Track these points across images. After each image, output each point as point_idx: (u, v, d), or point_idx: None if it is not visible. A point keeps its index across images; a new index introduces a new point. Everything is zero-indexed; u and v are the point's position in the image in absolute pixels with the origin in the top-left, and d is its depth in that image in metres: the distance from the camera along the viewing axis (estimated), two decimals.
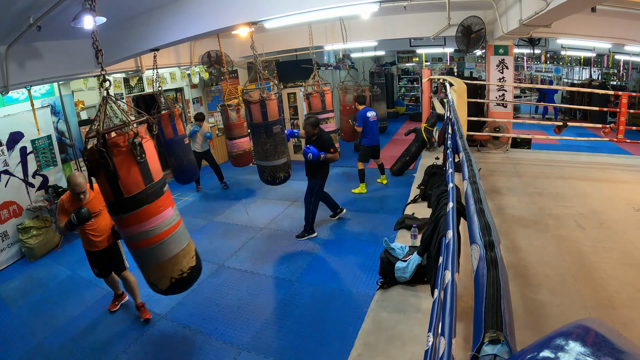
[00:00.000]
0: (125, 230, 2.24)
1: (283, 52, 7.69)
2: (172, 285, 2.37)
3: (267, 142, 4.16)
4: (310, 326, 3.22)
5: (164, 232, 2.29)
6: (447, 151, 3.01)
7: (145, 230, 2.21)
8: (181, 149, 5.28)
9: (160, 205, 2.26)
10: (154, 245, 2.26)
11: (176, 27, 3.89)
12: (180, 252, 2.39)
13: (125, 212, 2.16)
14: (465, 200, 1.37)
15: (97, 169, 2.06)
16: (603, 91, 6.56)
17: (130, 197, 2.13)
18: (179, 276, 2.38)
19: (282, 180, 4.45)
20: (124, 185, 2.10)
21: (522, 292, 2.35)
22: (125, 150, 2.08)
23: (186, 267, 2.43)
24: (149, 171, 2.20)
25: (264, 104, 3.98)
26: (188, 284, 2.47)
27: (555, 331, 0.51)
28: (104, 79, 2.15)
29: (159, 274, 2.34)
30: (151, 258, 2.30)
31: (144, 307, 3.48)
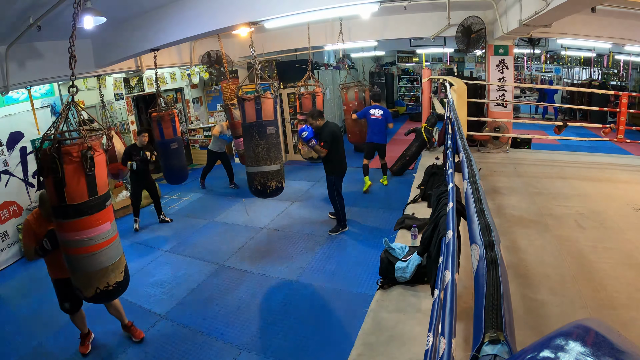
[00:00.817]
0: (63, 234, 2.33)
1: (283, 52, 7.69)
2: (96, 294, 2.45)
3: (260, 144, 3.79)
4: (310, 326, 3.22)
5: (98, 244, 2.39)
6: (447, 151, 3.01)
7: (81, 239, 2.31)
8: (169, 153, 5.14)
9: (99, 218, 2.36)
10: (87, 255, 2.35)
11: (176, 27, 3.89)
12: (110, 265, 2.47)
13: (65, 218, 2.26)
14: (465, 200, 1.37)
15: (46, 171, 2.16)
16: (603, 91, 6.56)
17: (72, 206, 2.23)
18: (105, 288, 2.46)
19: (274, 191, 3.95)
20: (68, 193, 2.20)
21: (522, 292, 2.35)
22: (76, 161, 2.19)
23: (113, 281, 2.50)
24: (95, 184, 2.31)
25: (258, 101, 3.70)
26: (112, 296, 2.56)
27: (555, 331, 0.51)
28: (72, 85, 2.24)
29: (86, 282, 2.42)
30: (82, 266, 2.37)
31: (133, 325, 3.24)
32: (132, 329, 3.22)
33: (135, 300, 3.78)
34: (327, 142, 4.46)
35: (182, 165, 5.35)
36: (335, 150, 4.55)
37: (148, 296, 3.86)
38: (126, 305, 3.68)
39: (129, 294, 3.87)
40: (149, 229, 5.56)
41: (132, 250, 4.96)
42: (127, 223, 5.75)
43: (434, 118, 6.36)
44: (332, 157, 4.57)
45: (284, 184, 4.08)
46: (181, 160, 5.31)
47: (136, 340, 3.18)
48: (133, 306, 3.69)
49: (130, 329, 3.22)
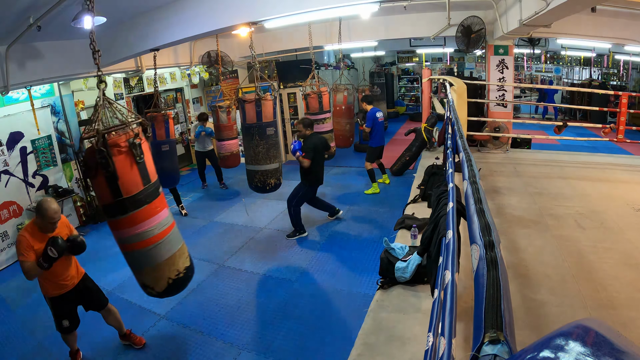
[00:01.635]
0: (121, 232, 2.20)
1: (283, 52, 7.68)
2: (169, 286, 2.36)
3: (260, 144, 3.98)
4: (310, 326, 3.23)
5: (161, 232, 2.27)
6: (447, 151, 3.01)
7: (143, 231, 2.19)
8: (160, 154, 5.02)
9: (157, 205, 2.26)
10: (151, 246, 2.23)
11: (176, 27, 3.89)
12: (176, 252, 2.38)
13: (124, 213, 2.13)
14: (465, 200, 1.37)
15: (94, 169, 2.03)
16: (603, 91, 6.56)
17: (129, 198, 2.10)
18: (176, 276, 2.37)
19: (273, 187, 4.26)
20: (123, 185, 2.07)
21: (522, 292, 2.35)
22: (125, 151, 2.06)
23: (182, 267, 2.41)
24: (147, 172, 2.20)
25: (259, 103, 3.84)
26: (184, 284, 2.46)
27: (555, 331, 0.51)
28: (100, 80, 2.11)
29: (155, 275, 2.32)
30: (148, 260, 2.27)
31: (132, 333, 3.16)
32: (132, 337, 3.14)
33: (135, 300, 3.78)
34: (309, 153, 4.52)
35: (174, 167, 5.28)
36: (314, 162, 4.59)
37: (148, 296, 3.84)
38: (126, 305, 3.69)
39: (129, 294, 3.89)
40: None
41: None
42: None
43: (434, 118, 6.35)
44: (312, 168, 4.61)
45: (282, 180, 4.32)
46: (173, 162, 5.23)
47: (137, 347, 3.12)
48: (133, 306, 3.69)
49: (130, 337, 3.14)
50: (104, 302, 3.01)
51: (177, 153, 5.57)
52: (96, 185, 2.11)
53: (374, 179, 6.17)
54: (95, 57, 2.09)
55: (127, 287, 4.06)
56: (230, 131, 6.09)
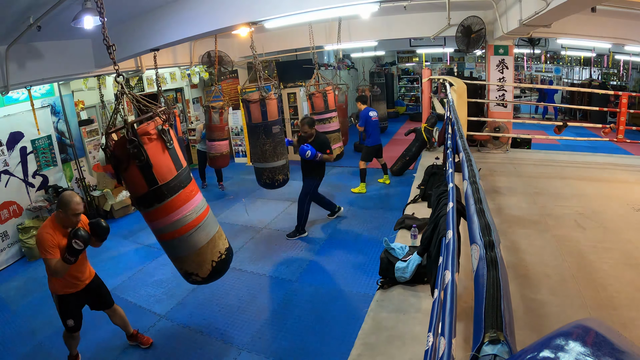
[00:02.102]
0: (160, 221, 2.16)
1: (283, 52, 7.69)
2: (213, 270, 2.33)
3: (266, 142, 4.04)
4: (310, 326, 3.22)
5: (200, 215, 2.26)
6: (447, 151, 3.01)
7: (183, 216, 2.16)
8: None
9: (192, 189, 2.24)
10: (192, 230, 2.20)
11: (176, 27, 3.89)
12: (215, 234, 2.37)
13: (161, 201, 2.09)
14: (465, 200, 1.37)
15: (126, 161, 1.99)
16: (603, 91, 6.56)
17: (165, 185, 2.08)
18: (219, 259, 2.35)
19: (282, 183, 4.32)
20: (158, 173, 2.05)
21: (522, 292, 2.35)
22: (155, 138, 2.05)
23: (223, 249, 2.41)
24: (178, 157, 2.19)
25: (263, 103, 3.89)
26: (226, 266, 2.45)
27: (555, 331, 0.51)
28: (118, 74, 2.07)
29: (199, 260, 2.28)
30: (190, 245, 2.24)
31: (139, 333, 3.16)
32: (139, 337, 3.14)
33: (135, 300, 3.78)
34: (330, 146, 4.69)
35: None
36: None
37: (148, 296, 3.86)
38: (126, 305, 3.68)
39: (129, 294, 3.90)
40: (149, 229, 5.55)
41: (132, 250, 4.96)
42: (128, 223, 5.75)
43: (434, 118, 6.36)
44: (320, 162, 4.74)
45: (289, 175, 4.41)
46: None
47: (145, 347, 3.12)
48: (133, 306, 3.69)
49: (137, 337, 3.14)
50: (110, 302, 3.00)
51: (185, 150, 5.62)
52: (129, 177, 2.07)
53: (363, 179, 6.21)
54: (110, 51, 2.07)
55: (127, 287, 4.07)
56: (222, 132, 6.14)
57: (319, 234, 4.89)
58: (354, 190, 6.21)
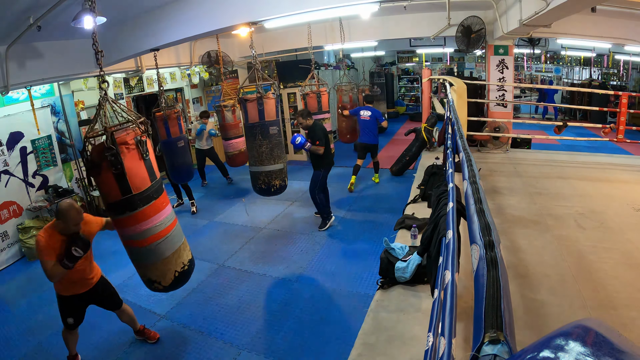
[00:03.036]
0: (130, 229, 2.21)
1: (283, 52, 7.69)
2: (175, 279, 2.39)
3: (263, 144, 3.89)
4: (310, 326, 3.22)
5: (169, 226, 2.33)
6: (447, 151, 3.01)
7: (153, 226, 2.23)
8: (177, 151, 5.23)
9: (163, 200, 2.32)
10: (160, 240, 2.27)
11: (176, 27, 3.89)
12: (181, 245, 2.44)
13: (133, 209, 2.15)
14: (465, 200, 1.37)
15: (101, 167, 2.04)
16: (603, 91, 6.55)
17: (138, 194, 2.14)
18: (182, 269, 2.42)
19: (278, 189, 4.10)
20: (133, 182, 2.11)
21: (522, 292, 2.35)
22: (133, 148, 2.11)
23: (186, 260, 2.47)
24: (152, 168, 2.25)
25: (261, 101, 3.79)
26: (188, 276, 2.51)
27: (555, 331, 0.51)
28: (103, 80, 2.12)
29: (164, 269, 2.35)
30: (157, 254, 2.30)
31: (146, 328, 3.21)
32: (146, 332, 3.18)
33: (135, 300, 3.78)
34: (322, 139, 4.65)
35: (189, 162, 5.43)
36: (326, 147, 4.74)
37: (148, 296, 3.85)
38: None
39: (129, 294, 3.89)
40: None
41: None
42: None
43: (434, 118, 6.36)
44: (325, 152, 4.73)
45: (287, 182, 4.22)
46: (188, 157, 5.39)
47: (152, 341, 3.16)
48: (133, 306, 3.68)
49: (144, 333, 3.17)
50: (119, 303, 3.02)
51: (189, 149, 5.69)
52: (103, 183, 2.11)
53: (354, 172, 6.33)
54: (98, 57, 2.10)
55: (127, 287, 4.06)
56: (237, 129, 6.11)
57: (319, 233, 4.89)
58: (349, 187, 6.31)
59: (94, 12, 2.18)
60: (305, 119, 4.71)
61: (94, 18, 2.18)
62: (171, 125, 5.05)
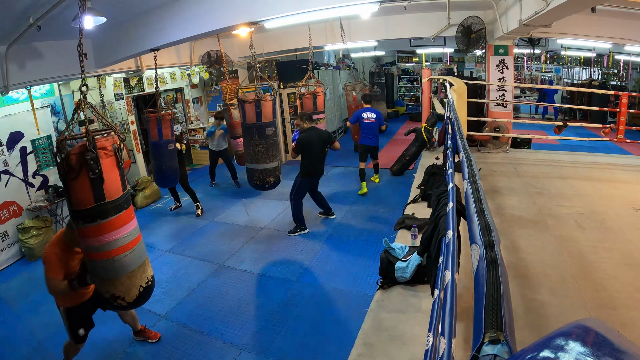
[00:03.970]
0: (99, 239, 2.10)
1: (283, 52, 7.69)
2: (139, 295, 2.28)
3: (259, 143, 4.04)
4: (310, 326, 3.22)
5: (136, 238, 2.24)
6: (447, 151, 3.01)
7: (122, 236, 2.14)
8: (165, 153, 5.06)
9: (131, 212, 2.25)
10: (128, 252, 2.18)
11: (176, 27, 3.89)
12: (146, 259, 2.35)
13: (104, 217, 2.07)
14: (465, 200, 1.37)
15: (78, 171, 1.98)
16: (603, 91, 6.55)
17: (111, 202, 2.07)
18: (146, 284, 2.31)
19: (272, 185, 4.31)
20: (107, 189, 2.05)
21: (522, 292, 2.35)
22: (111, 154, 2.06)
23: (150, 275, 2.37)
24: (124, 177, 2.21)
25: (258, 103, 3.89)
26: (150, 293, 2.40)
27: (555, 331, 0.51)
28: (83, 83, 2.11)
29: (129, 283, 2.23)
30: (125, 266, 2.19)
31: (147, 328, 3.22)
32: (147, 332, 3.18)
33: None
34: (297, 146, 4.72)
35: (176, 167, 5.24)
36: (308, 155, 4.72)
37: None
38: None
39: None
40: (148, 229, 5.56)
41: None
42: None
43: (434, 118, 6.36)
44: (304, 160, 4.77)
45: (280, 178, 4.39)
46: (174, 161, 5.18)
47: (153, 341, 3.15)
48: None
49: (145, 333, 3.18)
50: None
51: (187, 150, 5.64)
52: (76, 188, 2.02)
53: (361, 178, 6.23)
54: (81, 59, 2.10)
55: None
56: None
57: (319, 233, 4.89)
58: (360, 193, 6.21)
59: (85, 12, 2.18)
60: (303, 122, 4.74)
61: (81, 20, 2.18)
62: (164, 127, 4.91)
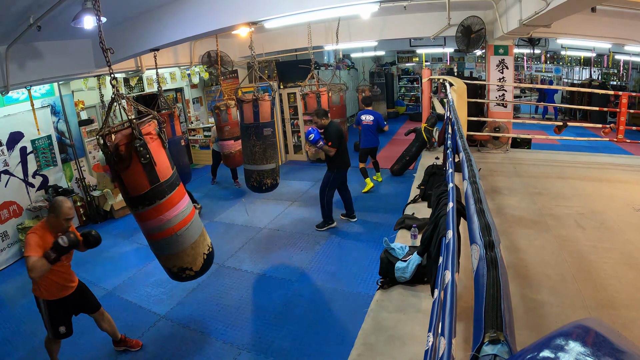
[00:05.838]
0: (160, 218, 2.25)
1: (283, 52, 7.69)
2: (204, 262, 2.49)
3: (257, 144, 3.99)
4: (310, 326, 3.22)
5: (191, 212, 2.45)
6: (447, 151, 3.01)
7: (181, 211, 2.32)
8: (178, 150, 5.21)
9: (182, 190, 2.42)
10: (188, 225, 2.37)
11: (176, 27, 3.89)
12: (203, 228, 2.58)
13: (162, 197, 2.22)
14: (465, 200, 1.37)
15: (128, 160, 2.08)
16: (603, 91, 6.55)
17: (165, 182, 2.23)
18: (209, 251, 2.52)
19: (269, 187, 4.24)
20: (160, 171, 2.19)
21: (522, 292, 2.35)
22: (155, 138, 2.20)
23: (209, 242, 2.60)
24: (170, 157, 2.36)
25: (256, 103, 3.86)
26: (212, 259, 2.63)
27: (555, 331, 0.51)
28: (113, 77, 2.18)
29: (194, 253, 2.42)
30: (188, 237, 2.39)
31: (127, 337, 3.10)
32: (128, 341, 3.09)
33: (135, 300, 3.78)
34: (334, 141, 4.61)
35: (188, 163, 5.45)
36: (339, 147, 4.67)
37: (148, 296, 3.86)
38: (126, 305, 3.69)
39: (129, 294, 3.90)
40: None
41: (132, 250, 4.96)
42: (128, 223, 5.76)
43: (434, 118, 6.36)
44: (337, 154, 4.69)
45: (278, 180, 4.35)
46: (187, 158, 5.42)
47: (134, 350, 3.08)
48: (133, 306, 3.70)
49: (125, 342, 3.08)
50: (96, 305, 2.95)
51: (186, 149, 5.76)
52: (130, 176, 2.14)
53: (365, 175, 6.28)
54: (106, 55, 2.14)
55: (127, 287, 4.07)
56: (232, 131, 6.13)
57: (318, 233, 4.89)
58: (365, 190, 6.22)
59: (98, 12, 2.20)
60: (321, 118, 4.68)
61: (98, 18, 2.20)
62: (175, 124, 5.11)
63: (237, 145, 6.17)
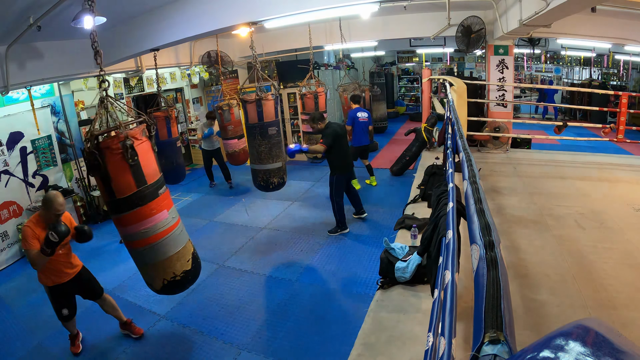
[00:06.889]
0: (122, 229, 2.31)
1: (283, 52, 7.69)
2: (164, 286, 2.44)
3: (262, 143, 4.02)
4: (310, 326, 3.22)
5: (158, 234, 2.32)
6: (447, 151, 3.01)
7: (140, 231, 2.27)
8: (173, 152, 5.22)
9: (154, 208, 2.29)
10: (147, 246, 2.32)
11: (176, 27, 3.89)
12: (173, 255, 2.41)
13: (119, 212, 2.23)
14: (465, 200, 1.37)
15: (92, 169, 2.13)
16: (603, 91, 6.55)
17: (122, 199, 2.19)
18: (172, 279, 2.42)
19: (276, 186, 4.25)
20: (116, 187, 2.16)
21: (522, 292, 2.35)
22: (117, 153, 2.12)
23: (179, 271, 2.45)
24: (142, 174, 2.22)
25: (259, 103, 3.87)
26: (181, 287, 2.52)
27: (555, 331, 0.51)
28: (103, 80, 2.15)
29: (152, 274, 2.41)
30: (145, 258, 2.36)
31: (132, 323, 3.26)
32: (132, 326, 3.24)
33: (135, 300, 3.78)
34: (327, 139, 4.44)
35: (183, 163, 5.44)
36: (337, 149, 4.53)
37: (148, 296, 3.85)
38: (126, 305, 3.69)
39: (129, 294, 3.90)
40: None
41: None
42: None
43: (434, 118, 6.36)
44: (333, 156, 4.59)
45: (285, 179, 4.37)
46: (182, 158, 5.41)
47: (135, 336, 3.21)
48: (133, 306, 3.70)
49: (129, 326, 3.24)
50: (99, 292, 3.13)
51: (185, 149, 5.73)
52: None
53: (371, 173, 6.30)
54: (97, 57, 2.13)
55: (127, 286, 4.07)
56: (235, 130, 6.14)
57: (318, 234, 4.89)
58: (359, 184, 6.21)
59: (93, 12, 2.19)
60: (316, 123, 4.55)
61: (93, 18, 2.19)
62: (172, 125, 5.09)
63: (241, 144, 6.17)
